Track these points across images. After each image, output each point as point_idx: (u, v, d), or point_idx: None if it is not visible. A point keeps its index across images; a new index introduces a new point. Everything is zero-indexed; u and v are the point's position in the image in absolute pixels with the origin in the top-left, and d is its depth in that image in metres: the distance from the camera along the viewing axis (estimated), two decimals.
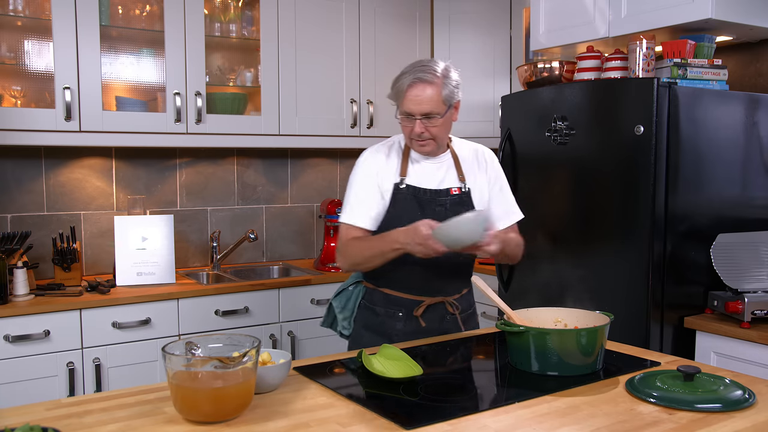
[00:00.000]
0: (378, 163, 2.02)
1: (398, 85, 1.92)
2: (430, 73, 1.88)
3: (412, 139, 1.96)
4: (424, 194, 1.99)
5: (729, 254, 2.43)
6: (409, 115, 1.91)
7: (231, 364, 1.30)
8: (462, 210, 1.98)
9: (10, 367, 2.50)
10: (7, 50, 2.88)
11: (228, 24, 3.29)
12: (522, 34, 3.61)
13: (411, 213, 1.96)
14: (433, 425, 1.28)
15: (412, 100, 1.89)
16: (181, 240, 3.42)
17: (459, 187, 2.03)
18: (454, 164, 2.06)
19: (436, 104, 1.89)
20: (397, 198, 1.99)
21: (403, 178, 2.00)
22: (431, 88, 1.88)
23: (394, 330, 2.02)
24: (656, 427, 1.27)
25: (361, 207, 2.00)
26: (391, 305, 2.02)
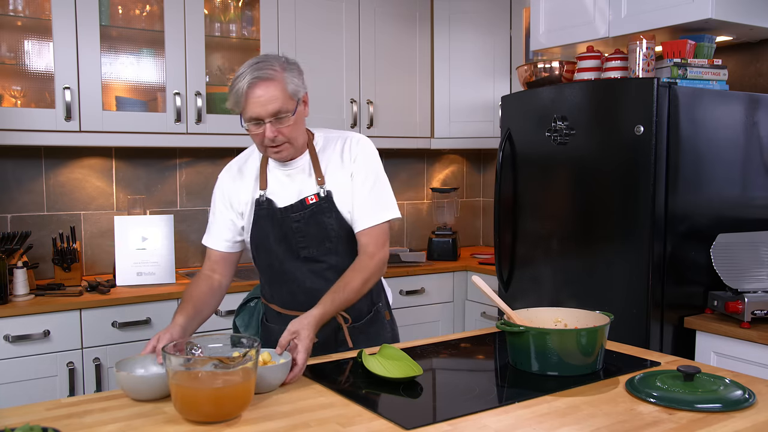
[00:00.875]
0: (233, 176, 1.93)
1: (236, 89, 1.70)
2: (269, 69, 1.70)
3: (266, 147, 1.78)
4: (277, 213, 1.84)
5: (729, 254, 2.42)
6: (256, 120, 1.72)
7: (231, 364, 1.30)
8: (325, 219, 1.82)
9: (10, 367, 2.50)
10: (7, 50, 2.88)
11: (228, 24, 3.29)
12: (522, 34, 3.61)
13: (274, 230, 1.85)
14: (433, 425, 1.28)
15: (255, 102, 1.69)
16: (181, 240, 3.42)
17: (316, 193, 1.84)
18: (312, 166, 1.87)
19: (283, 101, 1.72)
20: (258, 215, 1.87)
21: (262, 193, 1.86)
22: (274, 85, 1.70)
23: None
24: (656, 427, 1.27)
25: (215, 228, 1.94)
26: (282, 322, 1.82)
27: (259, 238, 1.88)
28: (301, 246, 1.85)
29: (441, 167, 4.25)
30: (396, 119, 3.67)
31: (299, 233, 1.84)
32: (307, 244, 1.85)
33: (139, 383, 1.40)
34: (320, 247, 1.85)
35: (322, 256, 1.86)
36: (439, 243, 3.75)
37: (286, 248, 1.86)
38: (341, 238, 1.86)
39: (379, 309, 2.01)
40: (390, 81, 3.63)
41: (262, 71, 1.70)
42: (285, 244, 1.86)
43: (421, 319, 3.48)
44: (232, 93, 1.73)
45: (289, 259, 1.86)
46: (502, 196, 2.97)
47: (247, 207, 1.90)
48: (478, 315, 3.53)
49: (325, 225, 1.84)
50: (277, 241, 1.86)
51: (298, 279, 1.87)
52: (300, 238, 1.85)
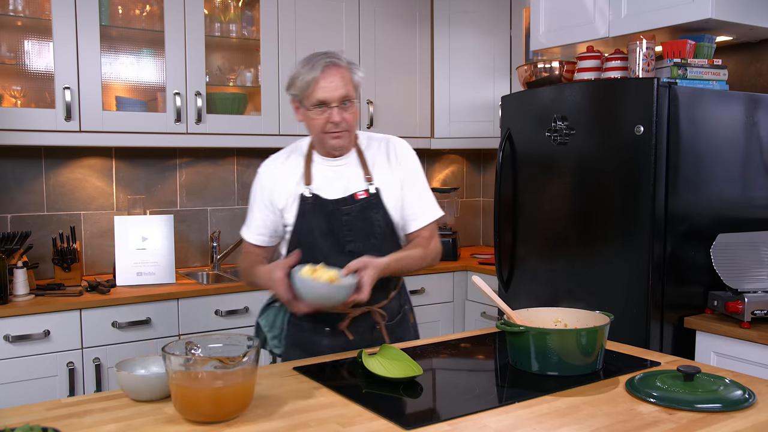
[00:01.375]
0: (274, 173, 1.94)
1: (303, 76, 1.80)
2: (337, 58, 1.83)
3: (327, 133, 1.83)
4: (327, 205, 1.88)
5: (729, 254, 2.43)
6: (322, 104, 1.80)
7: (231, 364, 1.30)
8: (373, 215, 1.89)
9: (10, 367, 2.50)
10: (7, 50, 2.88)
11: (228, 24, 3.29)
12: (522, 34, 3.61)
13: (321, 224, 1.88)
14: (433, 425, 1.28)
15: (326, 87, 1.79)
16: (181, 240, 3.42)
17: (366, 189, 1.90)
18: (360, 163, 1.93)
19: (349, 88, 1.82)
20: (303, 210, 1.89)
21: (308, 187, 1.90)
22: (342, 72, 1.82)
23: (321, 346, 1.90)
24: (656, 427, 1.27)
25: (253, 223, 1.97)
26: (316, 321, 1.89)
27: (303, 232, 1.89)
28: (348, 239, 1.88)
29: (441, 167, 4.25)
30: (396, 119, 3.67)
31: (347, 227, 1.87)
32: (354, 237, 1.88)
33: (139, 383, 1.41)
34: (366, 242, 1.89)
35: (367, 251, 1.85)
36: None
37: (332, 242, 1.88)
38: (386, 235, 1.92)
39: (406, 311, 2.06)
40: (390, 81, 3.63)
41: (331, 59, 1.82)
42: (331, 238, 1.88)
43: (421, 319, 3.44)
44: (299, 78, 1.81)
45: (334, 253, 1.87)
46: (502, 196, 2.97)
47: (289, 202, 1.91)
48: (478, 315, 3.53)
49: (372, 221, 1.89)
50: (322, 235, 1.87)
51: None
52: (347, 232, 1.88)
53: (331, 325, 1.90)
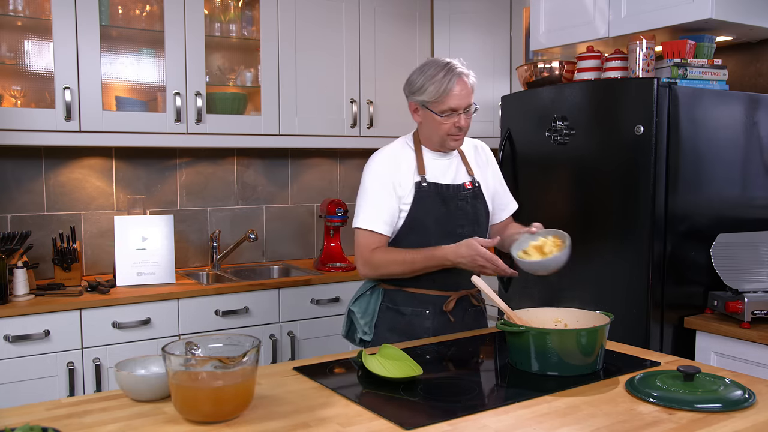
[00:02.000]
0: (391, 164, 2.05)
1: (441, 84, 1.95)
2: (464, 67, 2.00)
3: (450, 135, 2.01)
4: (447, 190, 2.05)
5: (729, 254, 2.43)
6: (453, 110, 1.97)
7: (231, 364, 1.29)
8: (478, 204, 2.09)
9: (10, 367, 2.50)
10: (7, 50, 2.88)
11: (228, 24, 3.29)
12: (522, 34, 3.61)
13: (436, 210, 2.03)
14: (433, 425, 1.28)
15: (458, 95, 1.96)
16: (181, 240, 3.42)
17: (470, 181, 2.11)
18: (462, 159, 2.13)
19: (472, 97, 2.01)
20: (420, 196, 2.02)
21: (423, 176, 2.04)
22: (469, 82, 2.00)
23: (423, 328, 2.04)
24: (656, 427, 1.27)
25: (379, 213, 2.01)
26: (418, 304, 2.05)
27: (419, 217, 2.02)
28: (460, 224, 2.05)
29: None
30: (396, 119, 3.66)
31: (461, 211, 2.06)
32: (464, 222, 2.06)
33: (139, 383, 1.41)
34: (473, 227, 2.08)
35: (472, 235, 2.00)
36: None
37: (445, 226, 2.04)
38: (484, 224, 2.13)
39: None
40: (390, 81, 3.63)
41: (462, 69, 1.99)
42: (444, 221, 2.03)
43: None
44: (431, 87, 1.96)
45: (443, 236, 2.00)
46: None
47: (407, 190, 2.02)
48: None
49: (477, 209, 2.10)
50: (436, 219, 2.02)
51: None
52: (461, 215, 2.06)
53: (432, 308, 2.05)
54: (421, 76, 1.99)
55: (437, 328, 2.05)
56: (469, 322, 2.12)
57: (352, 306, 2.14)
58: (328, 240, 3.52)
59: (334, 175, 3.89)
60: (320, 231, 3.82)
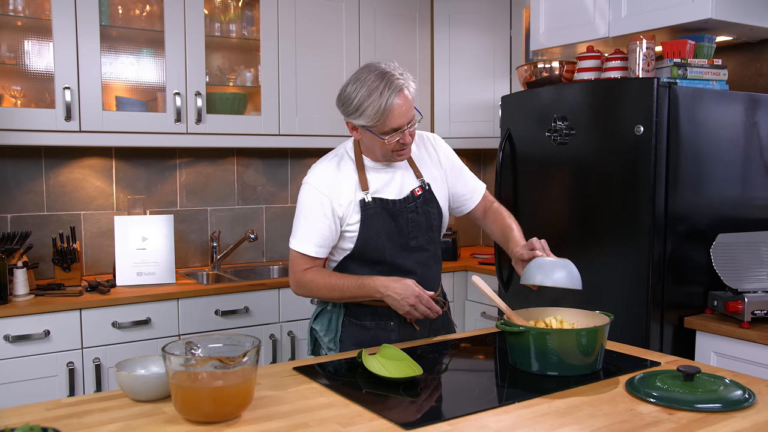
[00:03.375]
0: (329, 183, 1.90)
1: (378, 105, 1.77)
2: (400, 80, 1.79)
3: (394, 152, 1.87)
4: (393, 205, 1.92)
5: (729, 254, 2.43)
6: (396, 129, 1.81)
7: (231, 364, 1.30)
8: (430, 209, 1.97)
9: (10, 367, 2.50)
10: (7, 50, 2.88)
11: (228, 24, 3.29)
12: (522, 34, 3.61)
13: (386, 226, 1.91)
14: (433, 425, 1.28)
15: (399, 114, 1.79)
16: (181, 240, 3.42)
17: (419, 186, 1.97)
18: (409, 163, 1.99)
19: (412, 107, 1.84)
20: (366, 215, 1.90)
21: (366, 193, 1.91)
22: (406, 93, 1.81)
23: (389, 341, 1.95)
24: (656, 427, 1.27)
25: (312, 236, 1.91)
26: (381, 317, 1.96)
27: (368, 236, 1.91)
28: (412, 236, 1.95)
29: None
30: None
31: (412, 223, 1.95)
32: (416, 233, 1.96)
33: (139, 383, 1.41)
34: (426, 236, 1.98)
35: (426, 244, 1.98)
36: None
37: (397, 241, 1.94)
38: (437, 227, 2.02)
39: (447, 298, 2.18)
40: None
41: (397, 83, 1.79)
42: (396, 236, 1.94)
43: None
44: (369, 110, 1.78)
45: (398, 251, 1.94)
46: (502, 196, 2.97)
47: (349, 210, 1.91)
48: (478, 315, 3.53)
49: (429, 215, 1.98)
50: (388, 235, 1.92)
51: (409, 269, 1.95)
52: (412, 228, 1.95)
53: (396, 319, 1.97)
54: (356, 95, 1.79)
55: (404, 338, 1.97)
56: (437, 328, 2.04)
57: (314, 324, 2.05)
58: None
59: None
60: None
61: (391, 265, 1.94)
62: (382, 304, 1.91)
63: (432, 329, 2.03)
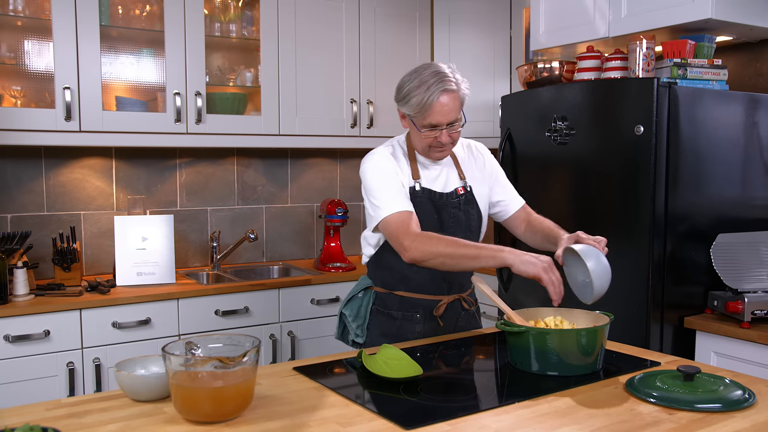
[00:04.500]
0: (390, 161, 1.98)
1: (422, 98, 1.85)
2: (452, 82, 1.87)
3: (432, 147, 1.93)
4: (439, 198, 2.00)
5: (729, 254, 2.43)
6: (435, 126, 1.88)
7: (231, 364, 1.30)
8: (470, 210, 2.03)
9: (10, 367, 2.50)
10: (7, 50, 2.88)
11: (228, 24, 3.29)
12: (522, 34, 3.61)
13: (429, 217, 1.96)
14: (433, 425, 1.28)
15: (440, 112, 1.86)
16: (181, 240, 3.42)
17: (462, 186, 2.04)
18: (454, 164, 2.07)
19: (458, 111, 1.90)
20: (415, 202, 1.96)
21: (417, 181, 1.99)
22: (454, 97, 1.87)
23: (413, 333, 2.01)
24: (656, 427, 1.27)
25: (402, 196, 1.91)
26: (408, 308, 2.02)
27: None
28: (450, 232, 1.96)
29: None
30: (396, 119, 3.61)
31: (453, 219, 1.99)
32: (455, 229, 1.99)
33: (139, 383, 1.41)
34: (464, 234, 1.99)
35: None
36: None
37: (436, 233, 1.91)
38: (477, 229, 2.06)
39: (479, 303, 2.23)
40: (390, 81, 3.63)
41: (447, 84, 1.85)
42: (437, 230, 1.94)
43: None
44: (413, 100, 1.86)
45: None
46: None
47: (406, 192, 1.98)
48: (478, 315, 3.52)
49: (469, 215, 2.03)
50: (429, 226, 1.93)
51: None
52: (452, 224, 1.99)
53: (423, 312, 2.01)
54: (409, 84, 1.89)
55: (427, 332, 2.02)
56: (461, 327, 2.08)
57: (344, 309, 2.10)
58: (328, 240, 3.52)
59: (334, 175, 3.89)
60: (320, 231, 3.82)
61: None
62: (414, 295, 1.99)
63: (457, 327, 2.07)
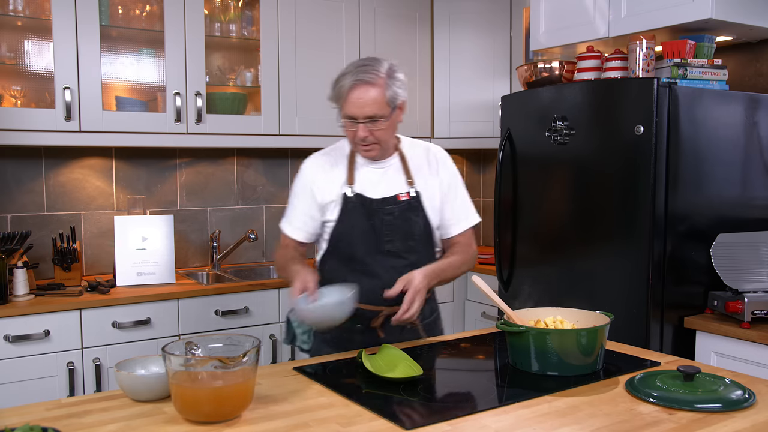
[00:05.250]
0: (318, 173, 1.95)
1: (339, 86, 1.81)
2: (372, 73, 1.79)
3: (356, 144, 1.87)
4: (371, 203, 1.91)
5: (729, 254, 2.43)
6: (351, 118, 1.82)
7: (231, 364, 1.30)
8: (413, 217, 1.92)
9: (10, 367, 2.50)
10: (7, 50, 2.88)
11: (228, 24, 3.29)
12: (522, 34, 3.61)
13: (360, 224, 1.90)
14: (433, 425, 1.28)
15: (354, 103, 1.79)
16: (181, 240, 3.42)
17: (407, 192, 1.94)
18: (402, 167, 1.97)
19: (379, 106, 1.79)
20: (346, 207, 1.90)
21: (351, 186, 1.91)
22: (374, 90, 1.78)
23: (353, 343, 1.91)
24: (656, 427, 1.27)
25: (296, 218, 1.97)
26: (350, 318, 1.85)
27: (343, 229, 1.91)
28: (387, 239, 1.90)
29: None
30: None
31: (388, 226, 1.90)
32: (392, 237, 1.91)
33: (139, 383, 1.41)
34: (404, 243, 1.92)
35: (405, 252, 1.92)
36: None
37: (371, 241, 1.90)
38: (423, 238, 1.94)
39: (439, 313, 2.13)
40: None
41: (365, 74, 1.78)
42: (371, 236, 1.90)
43: None
44: (335, 88, 1.83)
45: (372, 252, 1.90)
46: (502, 196, 2.97)
47: (332, 200, 1.92)
48: (478, 315, 3.53)
49: (411, 223, 1.92)
50: (362, 233, 1.89)
51: (379, 273, 1.90)
52: (387, 231, 1.90)
53: (364, 323, 1.93)
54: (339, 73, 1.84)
55: (367, 342, 1.89)
56: (404, 339, 1.95)
57: (290, 314, 2.01)
58: None
59: None
60: None
61: (363, 265, 1.90)
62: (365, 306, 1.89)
63: (401, 339, 1.95)
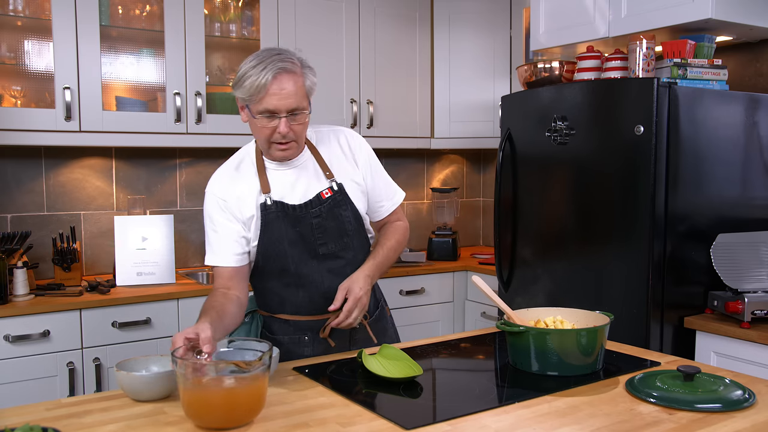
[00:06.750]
0: (227, 189, 1.79)
1: (254, 78, 1.63)
2: (290, 61, 1.66)
3: (273, 143, 1.71)
4: (294, 210, 1.77)
5: (729, 254, 2.42)
6: (271, 113, 1.66)
7: (247, 369, 1.28)
8: (342, 212, 1.81)
9: (10, 367, 2.50)
10: (7, 50, 2.88)
11: (228, 24, 3.29)
12: (522, 34, 3.61)
13: (287, 232, 1.77)
14: (433, 425, 1.28)
15: (277, 95, 1.63)
16: (181, 240, 3.42)
17: (329, 187, 1.80)
18: (317, 161, 1.83)
19: (301, 98, 1.67)
20: (268, 219, 1.76)
21: (267, 195, 1.76)
22: (295, 80, 1.65)
23: (302, 355, 1.82)
24: (656, 427, 1.27)
25: (223, 245, 1.78)
26: (295, 331, 1.84)
27: (270, 243, 1.77)
28: (320, 243, 1.79)
29: (441, 167, 4.25)
30: (396, 119, 3.67)
31: (319, 229, 1.78)
32: (326, 239, 1.80)
33: (139, 383, 1.40)
34: (339, 242, 1.82)
35: (341, 251, 1.82)
36: (439, 243, 3.75)
37: (303, 249, 1.79)
38: (356, 231, 1.85)
39: (383, 305, 2.03)
40: (390, 81, 3.63)
41: (284, 63, 1.65)
42: (301, 244, 1.78)
43: (421, 319, 3.48)
44: (247, 82, 1.64)
45: (306, 260, 1.79)
46: (502, 196, 2.97)
47: (250, 214, 1.78)
48: (478, 315, 3.53)
49: (342, 218, 1.81)
50: (291, 243, 1.77)
51: (316, 281, 1.81)
52: (319, 235, 1.79)
53: (311, 334, 1.84)
54: (245, 65, 1.66)
55: (318, 353, 1.83)
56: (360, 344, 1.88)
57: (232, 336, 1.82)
58: None
59: None
60: None
61: (296, 275, 1.80)
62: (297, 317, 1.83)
63: (353, 341, 1.89)
